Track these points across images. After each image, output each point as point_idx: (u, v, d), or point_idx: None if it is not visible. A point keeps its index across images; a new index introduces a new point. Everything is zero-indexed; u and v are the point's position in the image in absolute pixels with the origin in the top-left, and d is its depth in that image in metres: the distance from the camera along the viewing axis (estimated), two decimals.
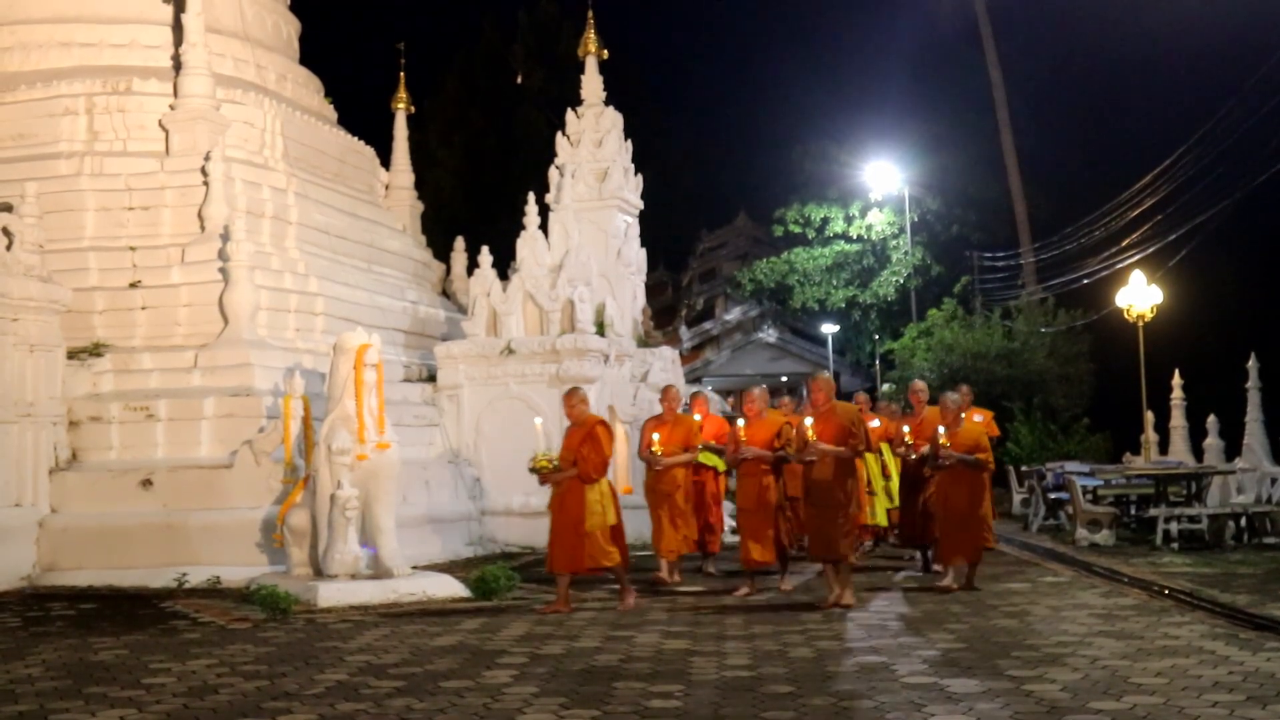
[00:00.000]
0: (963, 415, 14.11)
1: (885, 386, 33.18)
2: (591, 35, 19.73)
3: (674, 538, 12.58)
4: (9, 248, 13.19)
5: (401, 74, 23.05)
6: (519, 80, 44.34)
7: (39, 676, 8.02)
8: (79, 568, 12.83)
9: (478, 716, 6.79)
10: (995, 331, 29.21)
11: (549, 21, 50.01)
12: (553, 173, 18.91)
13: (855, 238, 37.44)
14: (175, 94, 16.51)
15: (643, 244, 19.50)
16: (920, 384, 14.25)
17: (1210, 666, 7.68)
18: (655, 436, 12.60)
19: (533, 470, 11.03)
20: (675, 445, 12.58)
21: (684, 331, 50.87)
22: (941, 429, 11.86)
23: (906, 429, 12.92)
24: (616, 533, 10.89)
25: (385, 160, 21.89)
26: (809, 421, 10.73)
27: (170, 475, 13.28)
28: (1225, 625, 9.31)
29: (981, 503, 11.90)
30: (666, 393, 13.12)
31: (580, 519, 10.64)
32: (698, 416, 13.44)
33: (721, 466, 13.26)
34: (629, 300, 18.70)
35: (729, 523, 14.52)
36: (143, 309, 15.17)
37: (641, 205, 19.52)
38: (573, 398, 11.19)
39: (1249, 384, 19.77)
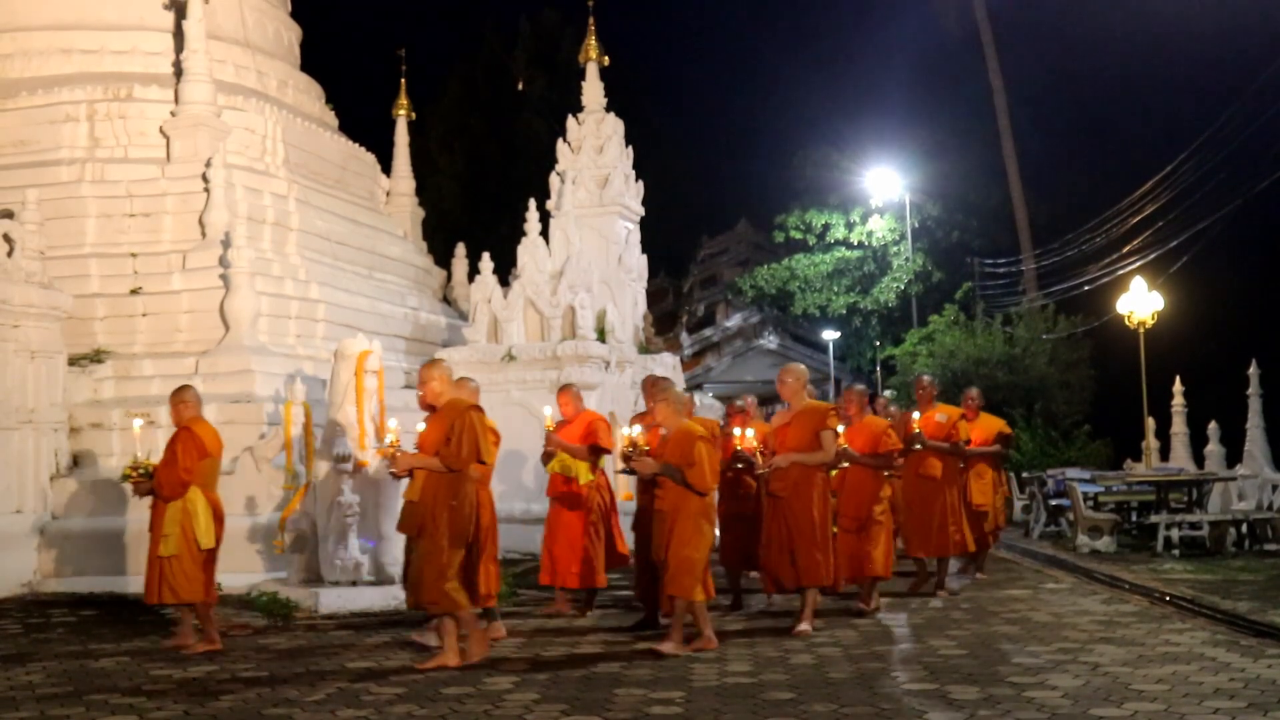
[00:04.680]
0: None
1: (887, 393, 33.18)
2: (593, 42, 19.76)
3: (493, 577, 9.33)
4: (10, 254, 13.20)
5: (402, 80, 23.14)
6: (520, 87, 44.41)
7: (40, 683, 8.01)
8: (80, 574, 12.81)
9: None
10: (996, 338, 29.20)
11: (550, 28, 50.08)
12: (554, 179, 18.93)
13: (856, 244, 37.46)
14: (176, 100, 16.54)
15: (644, 250, 19.50)
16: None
17: (1211, 673, 7.67)
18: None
19: (123, 478, 9.73)
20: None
21: (685, 338, 50.88)
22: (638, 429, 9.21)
23: (727, 433, 9.97)
24: (208, 561, 9.40)
25: (386, 167, 21.94)
26: (387, 425, 8.47)
27: None
28: (1226, 632, 9.30)
29: (690, 539, 8.65)
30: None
31: (157, 541, 9.26)
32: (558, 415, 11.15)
33: (585, 477, 10.71)
34: (630, 307, 18.70)
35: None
36: (144, 315, 15.20)
37: (642, 211, 19.53)
38: (175, 396, 9.72)
39: (1250, 390, 19.74)
